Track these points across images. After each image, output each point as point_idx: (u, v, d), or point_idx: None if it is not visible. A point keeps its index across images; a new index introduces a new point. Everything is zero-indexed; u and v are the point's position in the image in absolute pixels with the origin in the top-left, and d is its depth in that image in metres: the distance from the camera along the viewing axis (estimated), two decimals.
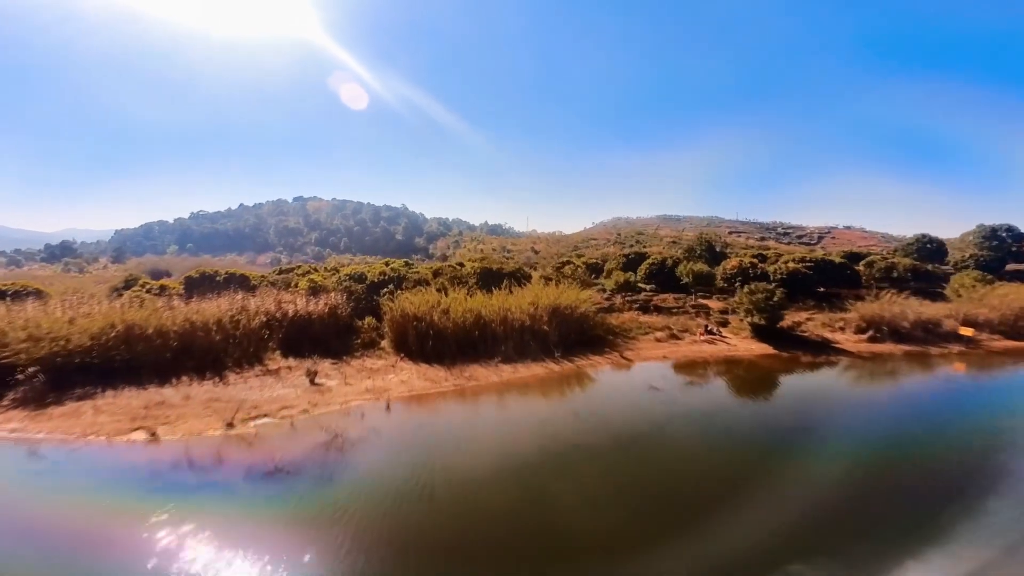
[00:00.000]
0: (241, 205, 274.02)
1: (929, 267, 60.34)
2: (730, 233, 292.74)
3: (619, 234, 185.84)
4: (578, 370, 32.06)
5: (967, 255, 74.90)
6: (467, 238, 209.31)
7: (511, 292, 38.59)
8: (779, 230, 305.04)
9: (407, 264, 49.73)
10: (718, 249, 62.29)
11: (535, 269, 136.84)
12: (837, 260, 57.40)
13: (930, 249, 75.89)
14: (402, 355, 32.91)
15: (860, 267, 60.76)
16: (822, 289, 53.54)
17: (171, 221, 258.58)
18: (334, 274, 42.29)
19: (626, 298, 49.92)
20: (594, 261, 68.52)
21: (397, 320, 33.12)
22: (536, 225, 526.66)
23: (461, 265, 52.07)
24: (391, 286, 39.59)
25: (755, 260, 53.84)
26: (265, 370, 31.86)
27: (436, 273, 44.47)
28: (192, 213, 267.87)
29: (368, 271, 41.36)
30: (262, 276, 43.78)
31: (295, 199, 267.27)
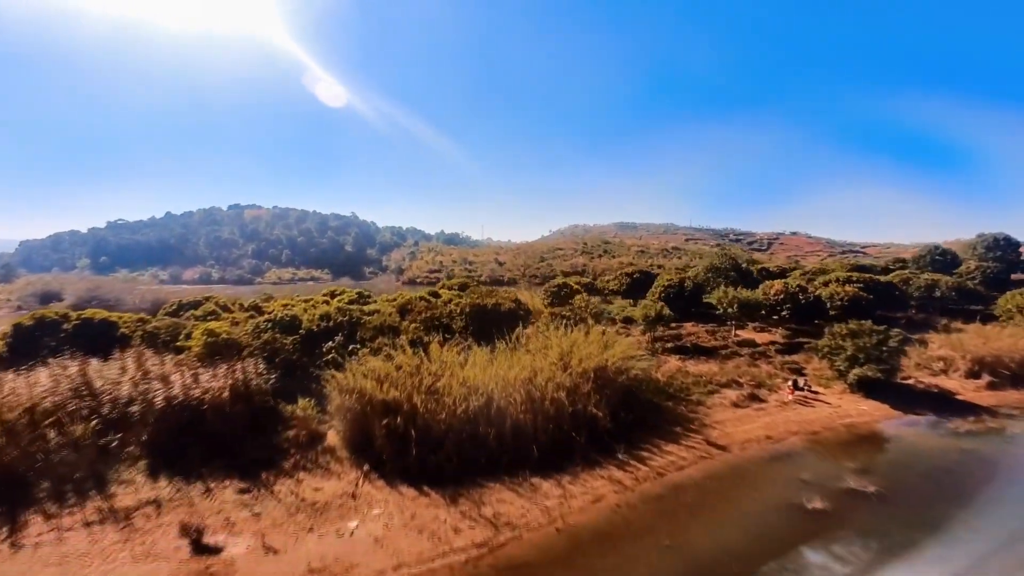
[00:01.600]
0: (168, 214, 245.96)
1: (971, 285, 52.20)
2: (686, 240, 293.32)
3: (585, 243, 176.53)
4: (663, 480, 19.73)
5: (972, 267, 69.01)
6: (423, 249, 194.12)
7: (518, 344, 25.85)
8: (731, 236, 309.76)
9: (361, 297, 35.84)
10: (744, 266, 51.85)
11: (514, 284, 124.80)
12: (883, 279, 48.08)
13: (943, 261, 69.26)
14: (367, 468, 19.50)
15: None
16: (878, 314, 43.87)
17: (84, 231, 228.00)
18: (251, 318, 28.01)
19: (656, 335, 38.18)
20: (588, 282, 56.64)
21: (354, 410, 19.64)
22: (491, 233, 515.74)
23: (435, 296, 38.74)
24: (339, 336, 25.87)
25: (802, 282, 43.47)
26: (108, 510, 18.03)
27: (404, 311, 31.03)
28: (109, 222, 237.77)
29: (304, 313, 27.36)
30: (139, 320, 28.81)
31: (231, 207, 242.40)
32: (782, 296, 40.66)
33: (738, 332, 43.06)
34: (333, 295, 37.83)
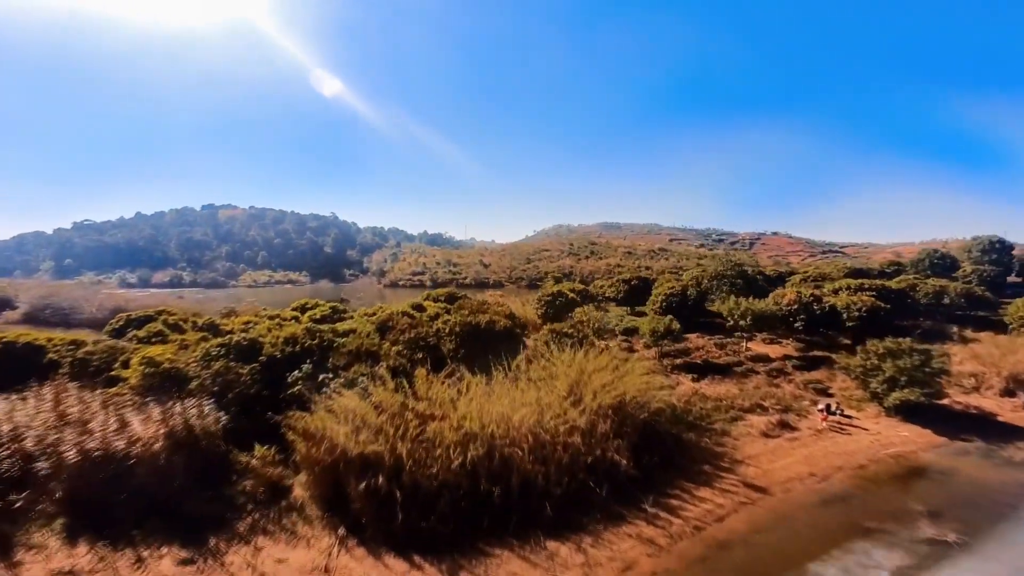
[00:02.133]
0: (138, 214, 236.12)
1: (979, 291, 50.28)
2: (671, 240, 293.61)
3: (572, 244, 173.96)
4: (702, 535, 16.40)
5: (968, 271, 67.71)
6: (406, 250, 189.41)
7: (518, 372, 22.29)
8: (714, 236, 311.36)
9: (335, 312, 31.79)
10: (750, 272, 48.91)
11: (500, 287, 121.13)
12: (893, 286, 45.67)
13: (942, 264, 67.78)
14: (343, 532, 15.77)
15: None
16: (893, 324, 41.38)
17: (49, 232, 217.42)
18: (203, 340, 23.88)
19: (663, 350, 34.94)
20: (582, 288, 53.27)
21: (324, 463, 15.85)
22: (475, 233, 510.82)
23: (419, 310, 34.93)
24: (308, 364, 21.95)
25: (815, 291, 40.71)
26: None
27: (384, 329, 27.18)
28: (75, 223, 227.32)
29: (267, 335, 23.31)
30: (71, 344, 24.44)
31: (204, 207, 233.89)
32: (795, 306, 37.80)
33: (748, 344, 40.16)
34: (304, 309, 33.66)
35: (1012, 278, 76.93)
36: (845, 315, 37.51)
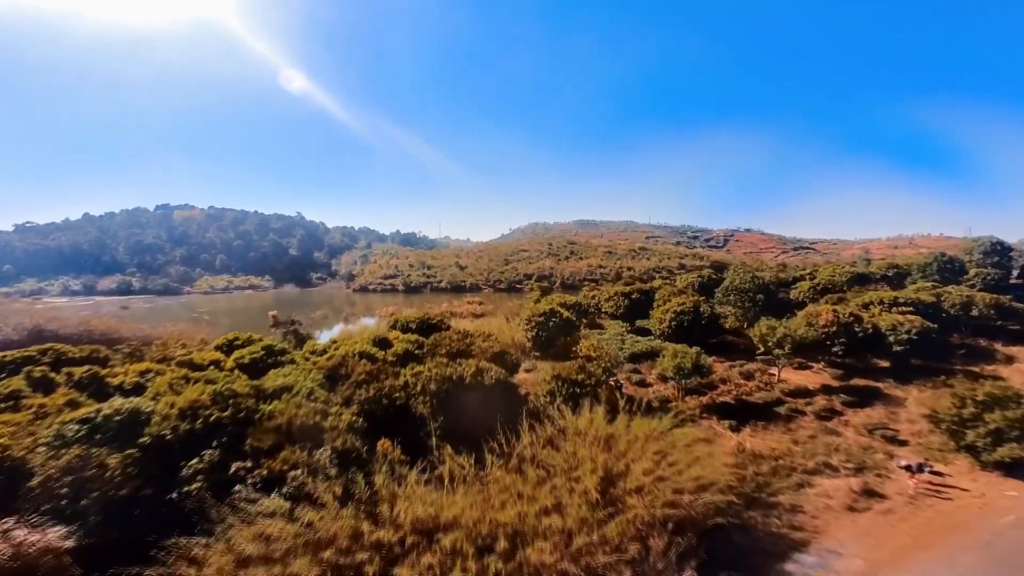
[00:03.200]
0: (85, 215, 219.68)
1: (1006, 300, 46.04)
2: (647, 238, 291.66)
3: (551, 244, 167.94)
4: None
5: (973, 275, 64.35)
6: (377, 251, 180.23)
7: (522, 461, 15.81)
8: (689, 234, 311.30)
9: (271, 354, 24.42)
10: (767, 282, 43.14)
11: (477, 291, 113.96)
12: (925, 298, 40.81)
13: (951, 269, 64.09)
14: None
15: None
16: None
17: None
18: (68, 406, 16.56)
19: (686, 387, 28.83)
20: (575, 302, 46.92)
21: None
22: (449, 231, 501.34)
23: (384, 345, 28.03)
24: (215, 447, 14.93)
25: (856, 310, 35.27)
26: None
27: (334, 378, 20.27)
28: (17, 225, 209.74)
29: (163, 397, 16.09)
30: None
31: (159, 208, 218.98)
32: (833, 328, 32.31)
33: (778, 372, 34.59)
34: (231, 347, 26.23)
35: (1013, 280, 74.48)
36: (892, 338, 32.12)
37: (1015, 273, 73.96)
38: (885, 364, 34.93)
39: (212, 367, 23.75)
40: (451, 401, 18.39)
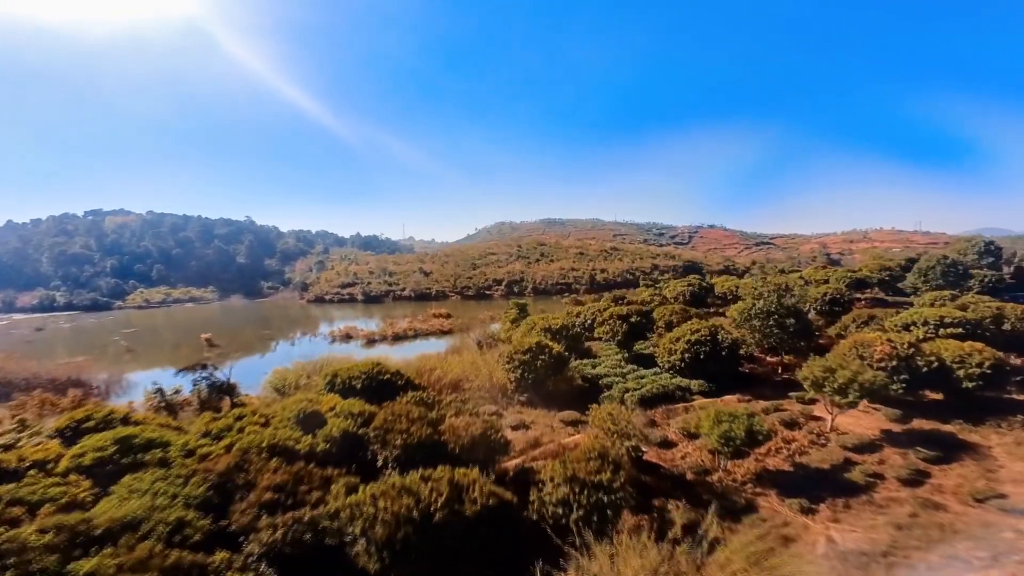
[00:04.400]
0: (8, 223, 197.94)
1: None
2: (615, 236, 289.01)
3: (520, 246, 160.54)
4: None
5: (973, 279, 60.61)
6: (335, 256, 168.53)
7: None
8: (654, 231, 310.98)
9: (124, 451, 15.84)
10: (795, 301, 35.91)
11: (443, 299, 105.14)
12: (971, 316, 35.46)
13: (955, 272, 60.11)
14: None
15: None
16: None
17: None
18: None
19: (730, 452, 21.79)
20: (562, 327, 39.49)
21: None
22: (414, 232, 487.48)
23: (314, 421, 19.89)
24: None
25: (895, 334, 29.18)
26: None
27: (226, 493, 12.17)
28: None
29: None
30: None
31: (88, 214, 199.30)
32: (893, 362, 26.03)
33: (816, 412, 28.26)
34: (79, 429, 17.48)
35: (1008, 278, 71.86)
36: (961, 372, 26.12)
37: (1012, 272, 71.27)
38: (937, 396, 29.21)
39: (35, 471, 15.11)
40: (412, 549, 10.63)
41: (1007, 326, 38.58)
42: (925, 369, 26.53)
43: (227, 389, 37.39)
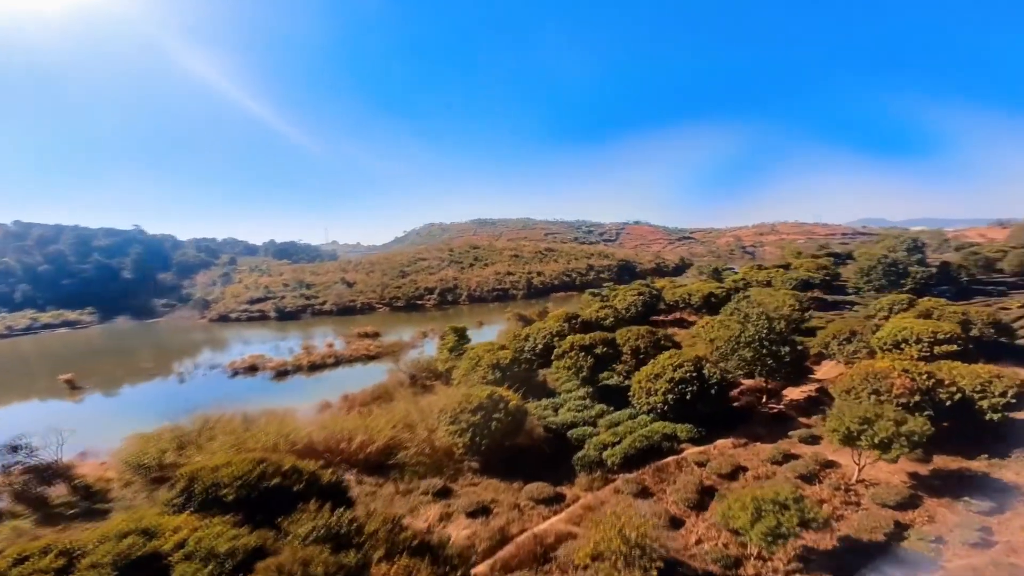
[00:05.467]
0: None
1: (1000, 316, 40.48)
2: (546, 235, 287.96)
3: (452, 250, 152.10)
4: None
5: (910, 277, 60.79)
6: (244, 267, 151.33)
7: None
8: (584, 228, 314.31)
9: None
10: (787, 327, 31.05)
11: (369, 311, 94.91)
12: (948, 328, 32.70)
13: (895, 271, 59.96)
14: None
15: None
16: None
17: None
18: None
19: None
20: (506, 355, 32.80)
21: None
22: (337, 236, 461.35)
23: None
24: None
25: (928, 368, 25.09)
26: None
27: None
28: None
29: None
30: None
31: None
32: (915, 397, 21.71)
33: (828, 455, 23.60)
34: None
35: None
36: (984, 403, 22.35)
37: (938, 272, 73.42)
38: (943, 423, 25.76)
39: None
40: None
41: (975, 332, 36.79)
42: (949, 403, 22.56)
43: (59, 472, 27.88)
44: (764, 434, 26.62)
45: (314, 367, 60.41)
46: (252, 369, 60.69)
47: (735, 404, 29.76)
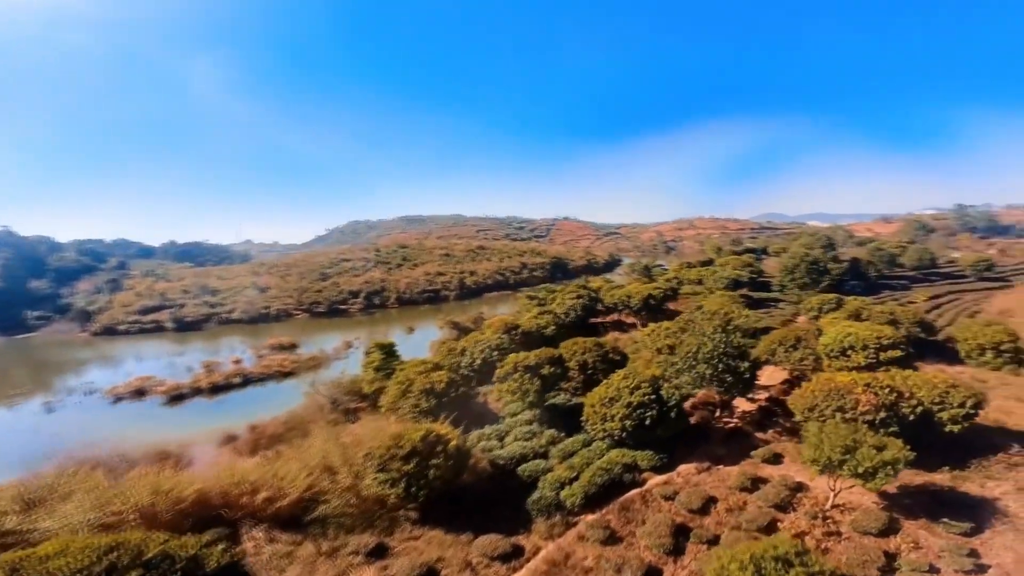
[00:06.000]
0: None
1: (924, 315, 42.09)
2: (478, 232, 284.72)
3: (378, 250, 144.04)
4: None
5: (829, 274, 63.68)
6: (137, 271, 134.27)
7: None
8: (515, 224, 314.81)
9: None
10: (743, 338, 28.77)
11: (285, 318, 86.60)
12: (891, 332, 32.85)
13: (817, 269, 61.99)
14: None
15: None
16: None
17: None
18: None
19: None
20: (441, 380, 28.94)
21: None
22: (252, 234, 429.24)
23: None
24: None
25: (890, 382, 24.04)
26: None
27: None
28: None
29: None
30: None
31: None
32: (882, 415, 20.45)
33: (797, 477, 21.96)
34: None
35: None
36: (944, 415, 21.59)
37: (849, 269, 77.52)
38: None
39: None
40: None
41: (902, 330, 37.68)
42: (912, 417, 21.58)
43: None
44: (724, 454, 24.73)
45: (217, 388, 52.68)
46: (139, 393, 51.88)
47: (690, 420, 27.76)
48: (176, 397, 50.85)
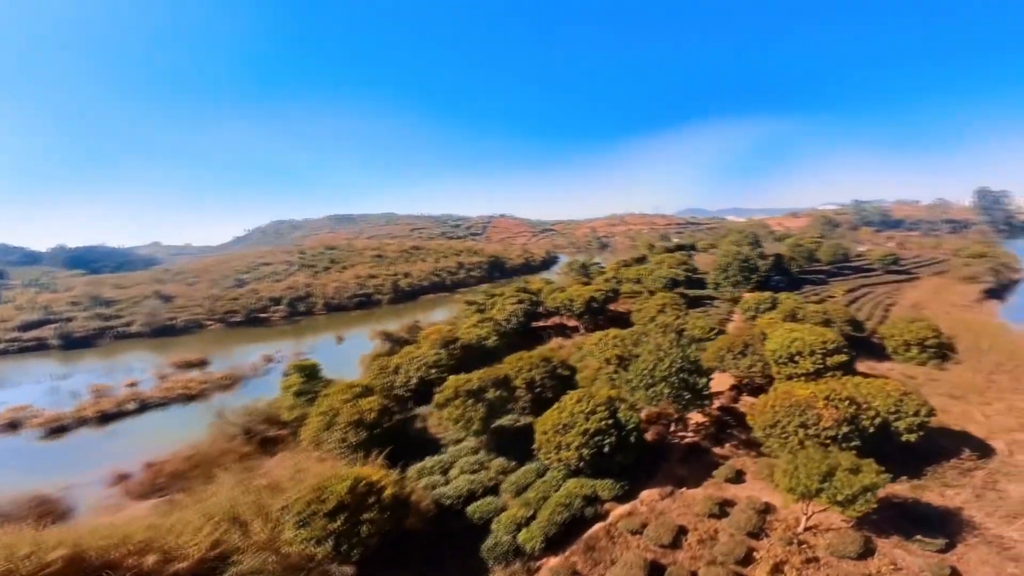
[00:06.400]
0: None
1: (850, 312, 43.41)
2: (412, 230, 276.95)
3: (303, 253, 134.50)
4: None
5: (757, 272, 65.63)
6: (16, 281, 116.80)
7: None
8: (450, 223, 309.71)
9: None
10: (696, 353, 27.15)
11: (196, 330, 77.57)
12: (832, 335, 33.03)
13: (748, 267, 63.34)
14: None
15: None
16: None
17: None
18: None
19: None
20: (372, 407, 25.46)
21: None
22: (162, 236, 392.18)
23: None
24: None
25: (853, 394, 23.33)
26: None
27: None
28: None
29: None
30: None
31: None
32: (845, 430, 19.56)
33: (763, 497, 20.59)
34: None
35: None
36: (900, 424, 21.15)
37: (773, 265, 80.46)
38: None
39: None
40: None
41: (836, 329, 38.43)
42: (871, 429, 20.91)
43: None
44: (686, 475, 23.15)
45: (107, 417, 45.21)
46: (12, 427, 43.61)
47: (646, 436, 26.04)
48: (57, 430, 43.13)
